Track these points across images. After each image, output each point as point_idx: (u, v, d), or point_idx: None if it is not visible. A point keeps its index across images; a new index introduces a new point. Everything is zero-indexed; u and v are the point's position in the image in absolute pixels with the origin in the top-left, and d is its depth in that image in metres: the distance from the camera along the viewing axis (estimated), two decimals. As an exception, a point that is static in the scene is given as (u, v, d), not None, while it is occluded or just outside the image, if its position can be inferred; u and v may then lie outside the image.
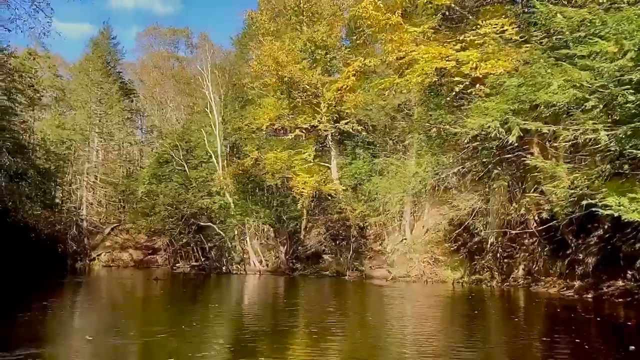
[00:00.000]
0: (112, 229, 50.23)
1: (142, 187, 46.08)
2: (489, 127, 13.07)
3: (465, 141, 15.64)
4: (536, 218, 21.08)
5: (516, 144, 16.92)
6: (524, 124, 12.20)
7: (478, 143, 16.13)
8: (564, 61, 11.83)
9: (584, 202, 11.49)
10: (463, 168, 18.02)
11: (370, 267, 30.74)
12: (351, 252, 31.87)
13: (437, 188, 22.51)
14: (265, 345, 9.69)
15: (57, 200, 42.40)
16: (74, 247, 45.83)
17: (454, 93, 16.26)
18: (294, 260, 35.06)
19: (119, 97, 48.74)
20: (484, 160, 17.08)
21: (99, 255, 48.31)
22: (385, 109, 28.40)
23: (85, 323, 12.61)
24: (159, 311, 15.79)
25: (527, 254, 22.04)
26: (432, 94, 18.41)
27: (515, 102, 12.74)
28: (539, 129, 12.44)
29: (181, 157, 42.96)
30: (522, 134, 13.18)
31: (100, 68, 48.35)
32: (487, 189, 18.80)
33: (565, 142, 11.90)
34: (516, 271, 22.30)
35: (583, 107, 10.84)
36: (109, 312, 15.02)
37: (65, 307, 15.51)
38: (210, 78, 40.22)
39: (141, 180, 47.09)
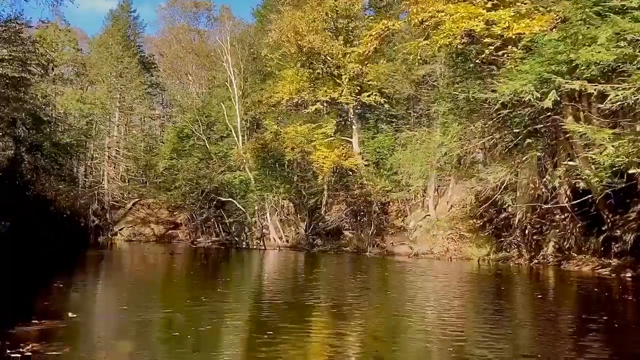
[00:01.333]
0: (134, 204, 50.39)
1: (162, 161, 45.92)
2: (522, 91, 11.95)
3: (496, 108, 14.46)
4: (568, 192, 19.95)
5: (549, 112, 15.81)
6: (567, 82, 11.00)
7: (509, 111, 14.95)
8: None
9: (631, 171, 10.39)
10: (492, 139, 16.86)
11: (392, 243, 29.94)
12: (372, 228, 31.06)
13: (462, 161, 21.41)
14: (278, 321, 9.02)
15: (75, 174, 42.41)
16: (96, 222, 46.16)
17: (483, 56, 15.05)
18: (314, 236, 34.44)
19: (139, 70, 48.28)
20: (515, 130, 15.87)
21: (121, 229, 48.59)
22: (409, 79, 27.19)
23: (82, 298, 12.12)
24: (167, 286, 15.30)
25: (557, 231, 20.89)
26: (459, 58, 17.19)
27: (552, 62, 11.58)
28: (583, 88, 11.25)
29: (201, 131, 42.53)
30: (558, 99, 12.03)
31: (120, 42, 47.87)
32: (519, 161, 17.58)
33: (613, 103, 10.71)
34: (546, 248, 21.21)
35: (635, 63, 9.64)
36: (112, 287, 14.56)
37: (70, 281, 15.04)
38: (230, 51, 39.48)
39: (162, 155, 46.92)
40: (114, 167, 49.05)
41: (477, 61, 15.75)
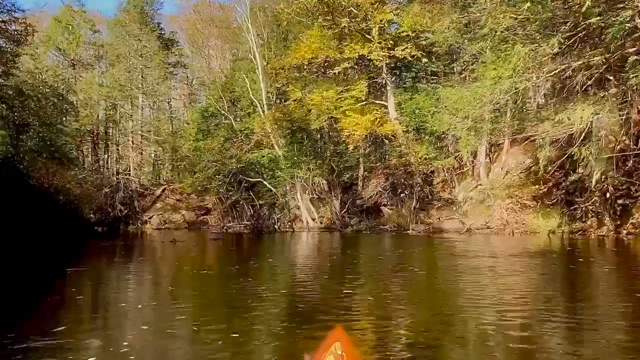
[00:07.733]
0: (163, 191, 48.14)
1: (187, 143, 43.30)
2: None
3: (582, 12, 10.09)
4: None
5: None
6: None
7: (599, 18, 10.54)
8: None
9: None
10: (568, 67, 12.42)
11: (439, 218, 25.97)
12: (415, 202, 27.08)
13: (522, 110, 17.04)
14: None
15: (97, 161, 40.13)
16: (125, 211, 44.06)
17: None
18: (350, 215, 30.75)
19: (158, 49, 45.40)
20: (606, 50, 11.31)
21: (150, 217, 46.39)
22: (450, 24, 22.74)
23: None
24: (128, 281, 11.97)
25: (652, 192, 16.43)
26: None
27: None
28: None
29: (226, 109, 39.53)
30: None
31: (137, 19, 45.06)
32: (605, 95, 13.11)
33: None
34: (637, 215, 16.78)
35: None
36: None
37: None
38: (252, 19, 36.18)
39: (187, 137, 44.29)
40: (140, 153, 46.68)
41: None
